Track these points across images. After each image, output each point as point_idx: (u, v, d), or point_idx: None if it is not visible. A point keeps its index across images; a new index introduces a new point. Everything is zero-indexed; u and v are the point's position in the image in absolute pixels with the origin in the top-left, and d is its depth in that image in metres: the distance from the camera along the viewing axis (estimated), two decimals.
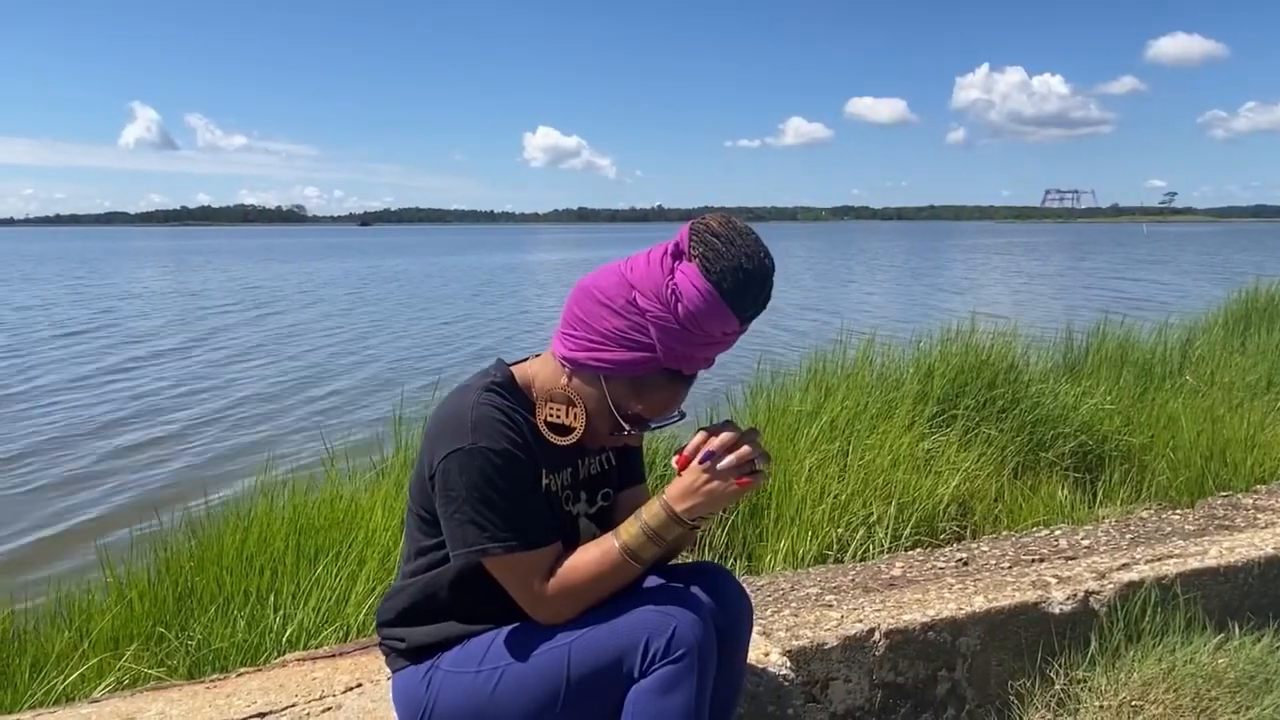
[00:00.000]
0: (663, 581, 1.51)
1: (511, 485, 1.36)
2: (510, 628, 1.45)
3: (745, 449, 1.37)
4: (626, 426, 1.43)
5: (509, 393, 1.43)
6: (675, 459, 1.42)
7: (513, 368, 1.50)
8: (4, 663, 2.54)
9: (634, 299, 1.34)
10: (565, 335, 1.42)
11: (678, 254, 1.34)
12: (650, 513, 1.40)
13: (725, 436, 1.38)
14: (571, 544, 1.45)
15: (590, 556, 1.40)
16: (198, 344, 14.55)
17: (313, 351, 13.76)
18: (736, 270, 1.31)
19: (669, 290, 1.32)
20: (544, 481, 1.45)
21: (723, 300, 1.31)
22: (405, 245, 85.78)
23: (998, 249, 60.93)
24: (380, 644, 1.58)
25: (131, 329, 16.80)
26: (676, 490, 1.39)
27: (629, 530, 1.40)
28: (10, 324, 17.65)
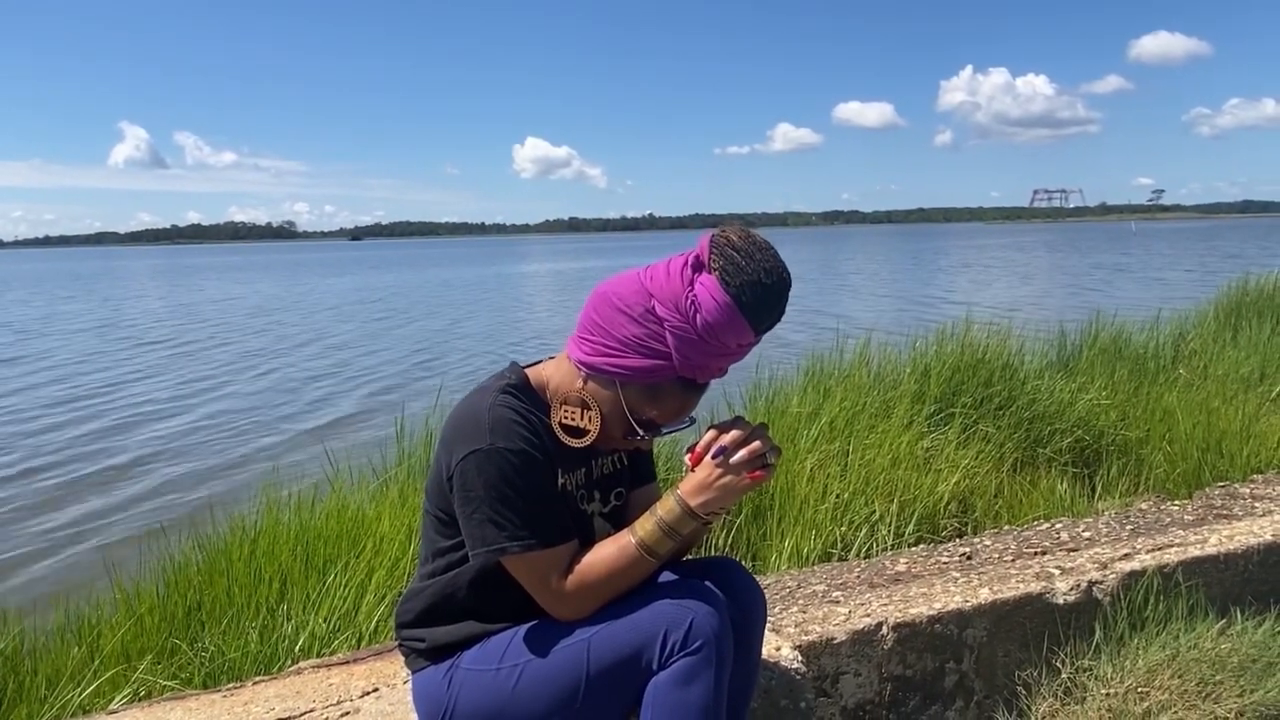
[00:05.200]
0: (677, 576, 1.54)
1: (529, 485, 1.39)
2: (529, 625, 1.47)
3: (756, 443, 1.40)
4: (640, 431, 1.47)
5: (524, 394, 1.46)
6: (688, 455, 1.45)
7: (527, 370, 1.53)
8: (19, 678, 2.55)
9: (652, 307, 1.37)
10: (582, 340, 1.44)
11: (698, 265, 1.37)
12: (665, 508, 1.43)
13: (736, 432, 1.41)
14: (587, 543, 1.47)
15: (607, 553, 1.43)
16: (196, 359, 14.53)
17: (315, 362, 13.80)
18: (756, 284, 1.34)
19: (688, 301, 1.35)
20: (559, 481, 1.48)
21: (741, 313, 1.34)
22: (404, 260, 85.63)
23: (990, 249, 61.14)
24: (399, 645, 1.60)
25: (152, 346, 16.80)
26: (691, 485, 1.42)
27: (645, 526, 1.43)
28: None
